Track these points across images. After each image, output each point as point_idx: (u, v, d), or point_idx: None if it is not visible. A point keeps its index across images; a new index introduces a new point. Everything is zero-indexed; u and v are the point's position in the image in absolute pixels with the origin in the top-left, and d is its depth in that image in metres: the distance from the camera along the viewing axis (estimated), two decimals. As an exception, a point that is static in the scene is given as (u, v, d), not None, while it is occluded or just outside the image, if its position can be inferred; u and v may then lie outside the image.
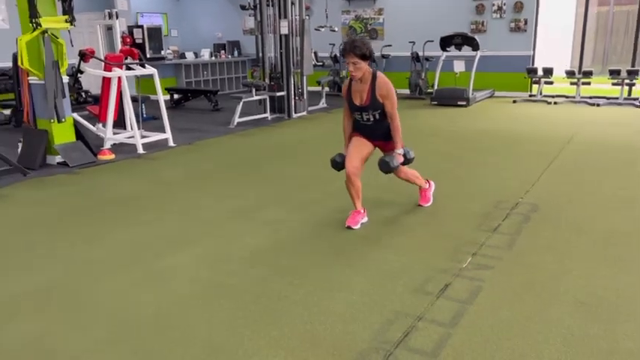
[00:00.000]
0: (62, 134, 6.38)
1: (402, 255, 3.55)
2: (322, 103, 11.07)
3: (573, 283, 3.10)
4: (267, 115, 9.64)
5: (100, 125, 7.47)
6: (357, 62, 3.71)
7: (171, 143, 7.47)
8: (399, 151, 3.93)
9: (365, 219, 4.12)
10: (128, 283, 3.23)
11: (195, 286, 3.16)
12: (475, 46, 10.78)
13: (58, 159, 6.35)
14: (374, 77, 3.84)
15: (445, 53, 11.25)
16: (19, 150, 6.40)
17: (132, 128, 7.29)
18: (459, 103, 10.72)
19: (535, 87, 11.61)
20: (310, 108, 10.42)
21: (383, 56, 12.67)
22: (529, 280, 3.16)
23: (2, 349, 2.56)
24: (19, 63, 6.02)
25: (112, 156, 6.73)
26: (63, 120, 6.29)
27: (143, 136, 7.43)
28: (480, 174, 5.62)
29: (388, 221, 4.21)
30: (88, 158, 6.47)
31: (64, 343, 2.59)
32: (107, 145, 7.06)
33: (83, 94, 11.11)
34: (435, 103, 11.01)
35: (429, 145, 7.12)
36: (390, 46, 12.79)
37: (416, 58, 12.12)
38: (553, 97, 11.22)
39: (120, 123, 7.64)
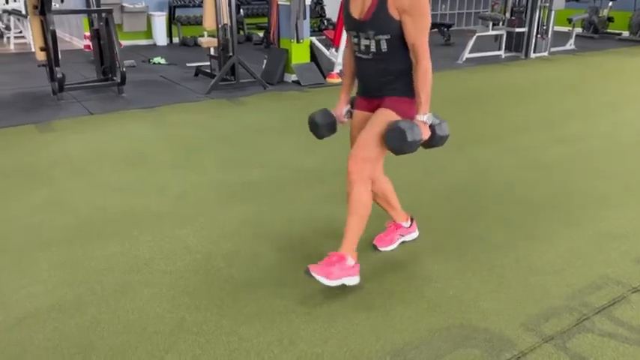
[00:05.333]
0: (299, 54, 6.92)
1: (629, 219, 3.02)
2: (569, 45, 9.76)
3: None
4: (501, 52, 8.91)
5: (333, 50, 7.86)
6: None
7: (396, 73, 7.50)
8: (423, 117, 2.22)
9: (412, 235, 2.76)
10: (322, 193, 3.42)
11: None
12: None
13: (293, 77, 6.93)
14: None
15: None
16: (263, 66, 7.17)
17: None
18: None
19: None
20: (553, 49, 9.28)
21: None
22: None
23: (221, 221, 2.99)
24: (272, -15, 6.61)
25: (339, 80, 7.07)
26: (301, 40, 6.78)
27: (370, 64, 7.61)
28: None
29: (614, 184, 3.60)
30: (317, 79, 6.93)
31: (271, 223, 2.90)
32: (336, 69, 7.43)
33: (325, 21, 11.82)
34: None
35: None
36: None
37: None
38: None
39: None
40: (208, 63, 7.27)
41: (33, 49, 9.19)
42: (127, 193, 3.43)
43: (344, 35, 7.35)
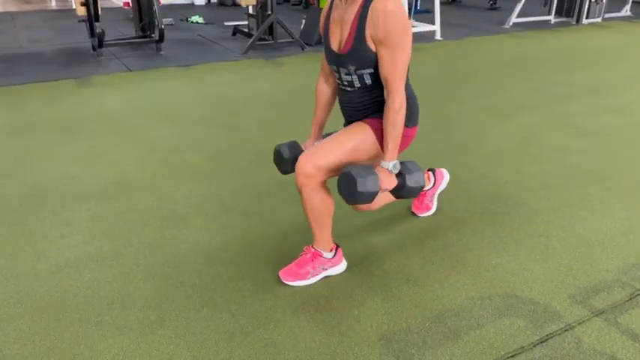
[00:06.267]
0: (339, 15, 6.71)
1: (689, 193, 2.84)
2: (625, 11, 9.20)
3: None
4: (551, 17, 8.47)
5: (374, 11, 7.62)
6: None
7: (437, 36, 7.24)
8: (389, 165, 1.91)
9: (443, 183, 2.59)
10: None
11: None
12: None
13: (332, 39, 6.75)
14: None
15: None
16: (302, 27, 7.01)
17: (403, 17, 7.26)
18: None
19: None
20: (607, 15, 8.77)
21: None
22: None
23: (257, 181, 2.96)
24: (313, -59, 6.38)
25: (379, 42, 6.86)
26: (341, 0, 6.57)
27: (412, 26, 7.35)
28: None
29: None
30: (357, 41, 6.73)
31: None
32: (377, 31, 7.21)
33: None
34: None
35: None
36: None
37: None
38: None
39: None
40: (246, 22, 7.16)
41: (73, 6, 9.24)
42: (164, 149, 3.42)
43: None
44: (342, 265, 2.16)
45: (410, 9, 7.54)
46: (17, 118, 3.95)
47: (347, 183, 1.84)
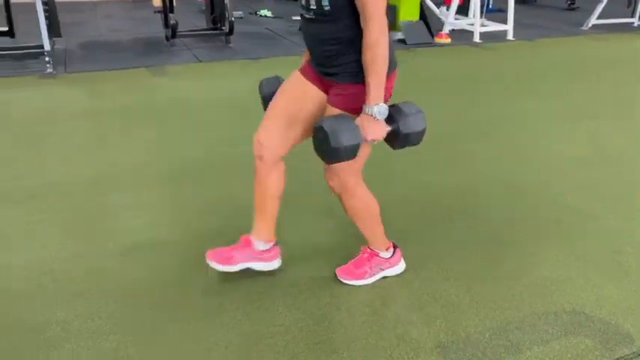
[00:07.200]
0: (407, 12, 6.62)
1: None
2: None
3: None
4: (634, 20, 7.96)
5: (444, 9, 7.45)
6: None
7: (509, 36, 6.98)
8: (372, 109, 1.62)
9: (272, 263, 2.08)
10: (423, 159, 3.26)
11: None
12: None
13: (399, 35, 6.65)
14: None
15: None
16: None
17: (474, 15, 7.05)
18: None
19: None
20: (700, 18, 8.14)
21: None
22: None
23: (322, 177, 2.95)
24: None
25: (448, 40, 6.70)
26: (411, -3, 6.47)
27: (483, 25, 7.14)
28: None
29: None
30: (425, 39, 6.61)
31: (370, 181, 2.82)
32: (446, 29, 7.04)
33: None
34: None
35: None
36: None
37: None
38: None
39: (464, 9, 7.50)
40: (314, 17, 7.18)
41: (150, -3, 9.54)
42: (230, 140, 3.49)
43: (457, -7, 6.91)
44: (401, 266, 2.12)
45: (482, 7, 7.31)
46: (94, 103, 4.16)
47: (319, 139, 1.61)
